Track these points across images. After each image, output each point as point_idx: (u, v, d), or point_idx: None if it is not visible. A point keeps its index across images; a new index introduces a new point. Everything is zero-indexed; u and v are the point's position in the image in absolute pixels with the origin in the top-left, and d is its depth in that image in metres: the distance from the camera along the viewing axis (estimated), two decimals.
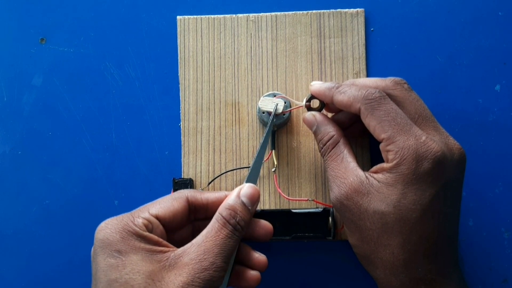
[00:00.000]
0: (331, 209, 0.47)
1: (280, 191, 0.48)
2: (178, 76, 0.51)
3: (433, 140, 0.38)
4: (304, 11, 0.51)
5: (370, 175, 0.39)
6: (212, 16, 0.52)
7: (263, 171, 0.50)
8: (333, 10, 0.51)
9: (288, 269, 0.49)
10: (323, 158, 0.43)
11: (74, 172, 0.51)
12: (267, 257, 0.49)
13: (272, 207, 0.49)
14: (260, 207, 0.49)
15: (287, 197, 0.48)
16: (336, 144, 0.42)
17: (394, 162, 0.38)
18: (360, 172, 0.40)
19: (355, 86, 0.42)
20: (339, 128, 0.43)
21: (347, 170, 0.41)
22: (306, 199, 0.48)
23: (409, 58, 0.51)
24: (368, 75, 0.50)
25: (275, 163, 0.49)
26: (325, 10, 0.51)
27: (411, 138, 0.38)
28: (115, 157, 0.51)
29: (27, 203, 0.51)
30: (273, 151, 0.49)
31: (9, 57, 0.53)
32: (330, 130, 0.43)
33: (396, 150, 0.38)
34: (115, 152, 0.51)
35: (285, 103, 0.48)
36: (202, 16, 0.52)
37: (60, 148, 0.52)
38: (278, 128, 0.49)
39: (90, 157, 0.51)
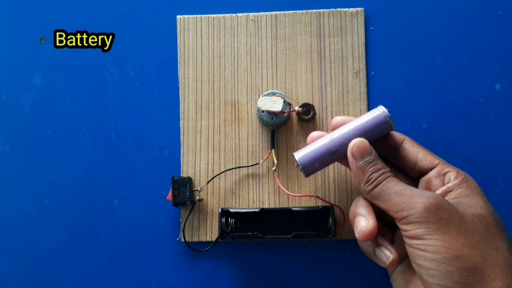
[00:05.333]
0: (331, 207, 0.47)
1: (283, 189, 0.48)
2: (177, 75, 0.51)
3: None
4: (304, 10, 0.51)
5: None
6: (212, 15, 0.52)
7: (262, 170, 0.50)
8: (333, 9, 0.51)
9: (288, 269, 0.49)
10: (375, 188, 0.39)
11: (74, 171, 0.51)
12: (267, 257, 0.49)
13: (272, 206, 0.49)
14: (260, 206, 0.49)
15: (291, 193, 0.48)
16: (392, 175, 0.40)
17: (460, 178, 0.39)
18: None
19: None
20: None
21: (416, 191, 0.38)
22: (310, 195, 0.48)
23: (409, 57, 0.51)
24: (368, 74, 0.50)
25: (275, 162, 0.49)
26: (325, 10, 0.51)
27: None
28: (115, 156, 0.51)
29: (27, 203, 0.51)
30: (273, 150, 0.49)
31: (8, 57, 0.53)
32: (383, 165, 0.41)
33: (457, 171, 0.40)
34: (114, 151, 0.51)
35: (284, 102, 0.48)
36: (201, 15, 0.52)
37: (60, 147, 0.52)
38: (277, 127, 0.49)
39: (89, 157, 0.51)
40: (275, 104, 0.47)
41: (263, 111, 0.48)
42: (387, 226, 0.44)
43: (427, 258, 0.35)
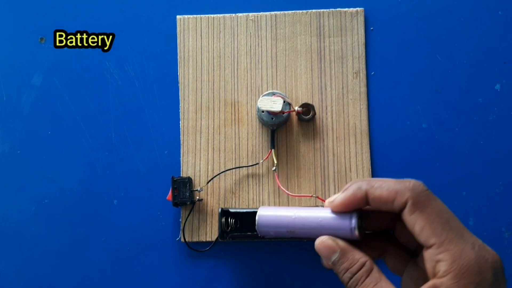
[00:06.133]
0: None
1: (283, 189, 0.48)
2: (177, 75, 0.51)
3: (485, 247, 0.33)
4: (304, 10, 0.51)
5: None
6: (212, 15, 0.52)
7: (262, 170, 0.50)
8: (333, 9, 0.51)
9: (288, 269, 0.49)
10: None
11: (74, 171, 0.51)
12: (267, 257, 0.49)
13: (272, 206, 0.49)
14: (260, 206, 0.49)
15: (291, 193, 0.48)
16: (371, 272, 0.35)
17: (451, 274, 0.31)
18: None
19: (387, 181, 0.35)
20: (366, 254, 0.36)
21: None
22: (310, 195, 0.48)
23: (409, 57, 0.51)
24: (368, 74, 0.50)
25: (275, 162, 0.49)
26: (325, 10, 0.51)
27: (468, 247, 0.32)
28: (115, 156, 0.51)
29: (27, 203, 0.51)
30: (273, 150, 0.49)
31: (8, 57, 0.53)
32: (359, 257, 0.35)
33: (451, 261, 0.32)
34: (114, 151, 0.51)
35: (284, 102, 0.48)
36: (201, 15, 0.52)
37: (60, 147, 0.52)
38: (277, 127, 0.49)
39: (89, 157, 0.51)
40: (275, 104, 0.47)
41: (263, 111, 0.48)
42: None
43: None
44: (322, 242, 0.36)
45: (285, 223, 0.38)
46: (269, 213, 0.39)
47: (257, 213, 0.40)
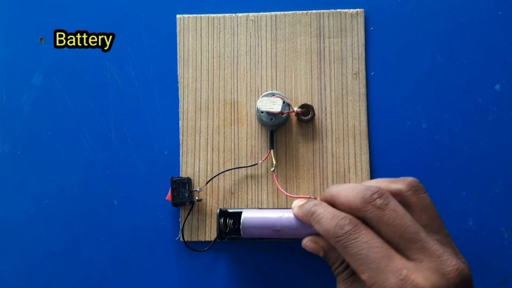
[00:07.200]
0: None
1: (282, 190, 0.48)
2: (177, 75, 0.51)
3: (416, 272, 0.33)
4: (304, 11, 0.51)
5: None
6: (212, 15, 0.52)
7: (261, 170, 0.50)
8: (333, 10, 0.51)
9: (287, 269, 0.49)
10: (336, 278, 0.40)
11: (74, 171, 0.51)
12: (265, 257, 0.49)
13: (271, 207, 0.49)
14: (258, 206, 0.49)
15: (289, 194, 0.48)
16: (348, 267, 0.39)
17: None
18: None
19: (329, 210, 0.38)
20: None
21: None
22: (308, 196, 0.48)
23: (409, 58, 0.51)
24: (367, 75, 0.50)
25: (274, 162, 0.49)
26: (325, 10, 0.51)
27: (391, 277, 0.33)
28: (114, 156, 0.51)
29: (27, 203, 0.51)
30: (272, 150, 0.49)
31: (8, 57, 0.53)
32: (339, 254, 0.39)
33: None
34: (114, 151, 0.51)
35: (283, 102, 0.48)
36: (201, 15, 0.52)
37: (60, 147, 0.52)
38: (276, 128, 0.49)
39: (89, 157, 0.51)
40: (275, 105, 0.47)
41: (262, 112, 0.48)
42: None
43: None
44: (306, 246, 0.42)
45: (271, 222, 0.42)
46: (253, 215, 0.43)
47: (242, 215, 0.43)
